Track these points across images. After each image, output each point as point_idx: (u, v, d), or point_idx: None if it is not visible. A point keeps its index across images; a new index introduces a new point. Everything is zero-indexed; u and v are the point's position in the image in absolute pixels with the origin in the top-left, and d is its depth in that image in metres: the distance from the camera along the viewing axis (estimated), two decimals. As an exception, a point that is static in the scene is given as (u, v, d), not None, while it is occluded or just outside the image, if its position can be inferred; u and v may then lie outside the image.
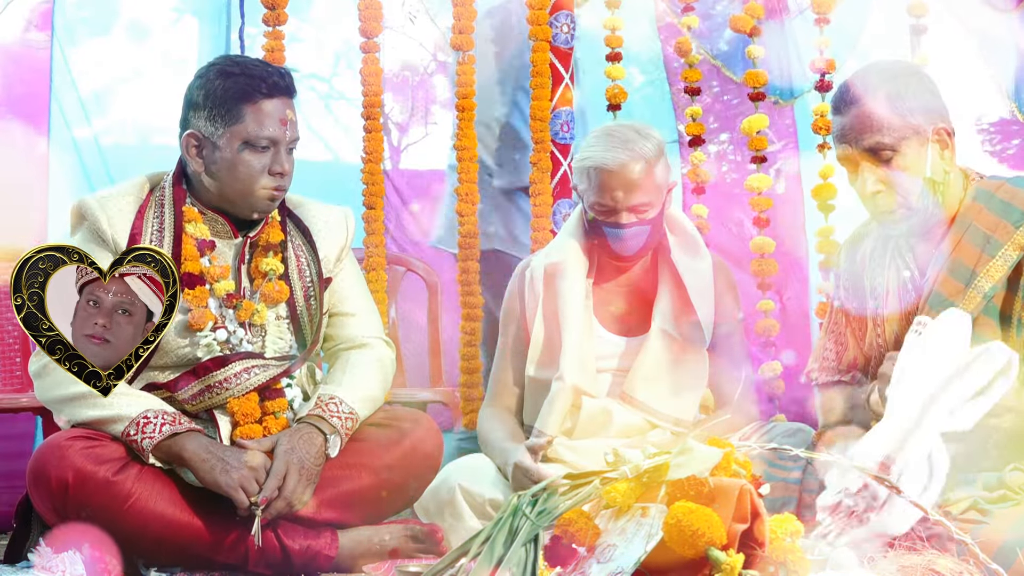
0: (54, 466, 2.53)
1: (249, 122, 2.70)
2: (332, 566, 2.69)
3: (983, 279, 2.41)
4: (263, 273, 2.78)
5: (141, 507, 2.55)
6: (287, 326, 2.82)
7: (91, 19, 5.16)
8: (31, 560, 2.65)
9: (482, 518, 2.84)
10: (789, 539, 1.91)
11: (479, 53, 4.02)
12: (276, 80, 2.74)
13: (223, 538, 2.61)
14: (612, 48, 4.12)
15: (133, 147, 5.25)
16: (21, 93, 4.89)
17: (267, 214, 2.80)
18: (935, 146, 2.48)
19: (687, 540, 1.83)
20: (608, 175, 2.92)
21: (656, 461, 1.99)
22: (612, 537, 1.95)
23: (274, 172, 2.73)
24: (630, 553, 1.88)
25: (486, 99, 4.13)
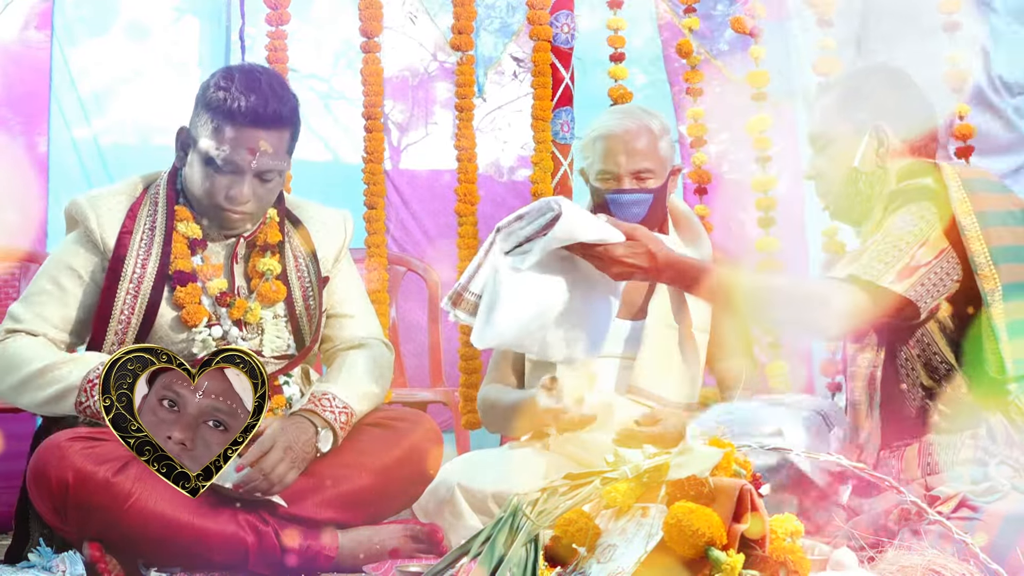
0: (54, 466, 2.53)
1: (216, 140, 2.67)
2: (332, 566, 2.69)
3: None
4: (260, 273, 2.80)
5: (141, 507, 2.55)
6: (285, 324, 2.83)
7: (91, 19, 5.17)
8: (31, 560, 2.65)
9: (482, 515, 2.85)
10: (789, 539, 1.91)
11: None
12: (262, 110, 2.67)
13: (223, 538, 2.61)
14: (615, 48, 4.12)
15: (133, 147, 5.26)
16: (21, 93, 4.89)
17: (234, 231, 2.79)
18: (871, 141, 2.55)
19: (687, 540, 1.83)
20: (613, 140, 3.03)
21: (656, 461, 1.99)
22: (612, 537, 1.95)
23: (230, 196, 2.70)
24: (630, 553, 1.88)
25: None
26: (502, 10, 5.81)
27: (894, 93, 2.59)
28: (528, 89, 4.06)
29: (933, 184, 2.41)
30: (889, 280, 2.32)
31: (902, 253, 2.35)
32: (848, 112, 2.58)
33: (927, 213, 2.39)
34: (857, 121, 2.57)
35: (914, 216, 2.40)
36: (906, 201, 2.42)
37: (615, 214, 2.97)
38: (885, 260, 2.34)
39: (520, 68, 6.00)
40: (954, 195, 2.38)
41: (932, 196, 2.40)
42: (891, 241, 2.37)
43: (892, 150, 2.54)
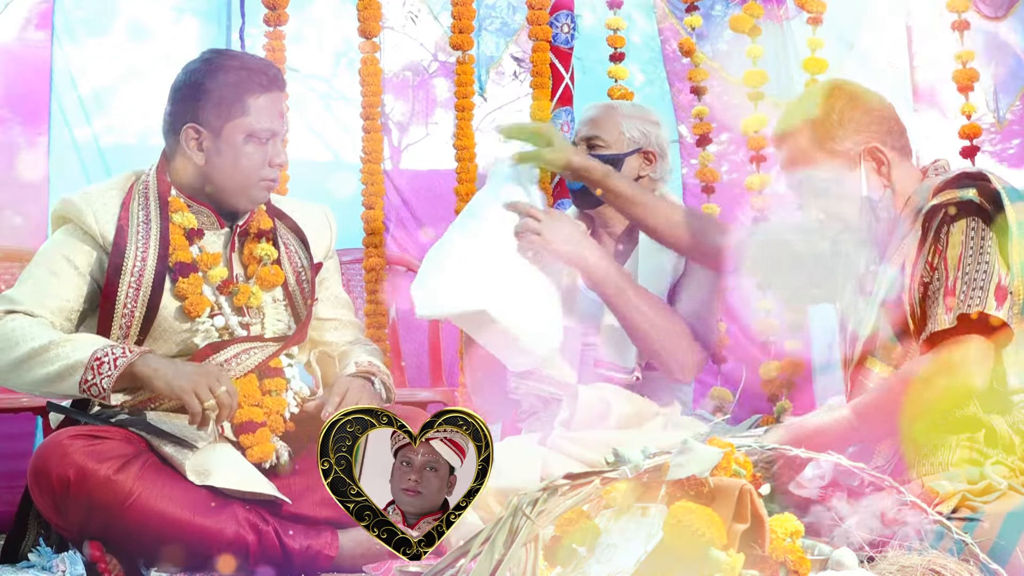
0: (55, 463, 2.53)
1: (252, 115, 2.75)
2: (332, 566, 2.69)
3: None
4: (257, 258, 2.83)
5: (142, 505, 2.55)
6: (285, 308, 2.87)
7: (91, 19, 5.17)
8: (31, 560, 2.65)
9: (481, 511, 2.85)
10: (789, 539, 1.91)
11: None
12: (274, 74, 2.81)
13: (224, 537, 2.61)
14: (615, 48, 4.11)
15: (133, 147, 5.26)
16: (21, 93, 4.89)
17: (259, 204, 2.86)
18: (869, 164, 2.51)
19: (687, 540, 1.83)
20: (582, 122, 3.23)
21: (656, 461, 1.99)
22: (612, 537, 1.95)
23: (274, 164, 2.79)
24: (630, 553, 1.88)
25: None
26: (502, 10, 5.81)
27: (860, 112, 2.53)
28: (528, 89, 4.06)
29: (977, 197, 2.36)
30: (993, 307, 2.29)
31: (989, 278, 2.31)
32: (829, 146, 2.52)
33: (984, 229, 2.34)
34: (844, 152, 2.52)
35: (975, 234, 2.35)
36: (956, 219, 2.37)
37: (566, 182, 3.20)
38: (980, 286, 2.31)
39: (520, 68, 6.00)
40: (1007, 208, 2.34)
41: (980, 210, 2.35)
42: (972, 266, 2.33)
43: (892, 164, 2.52)
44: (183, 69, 2.82)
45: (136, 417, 2.69)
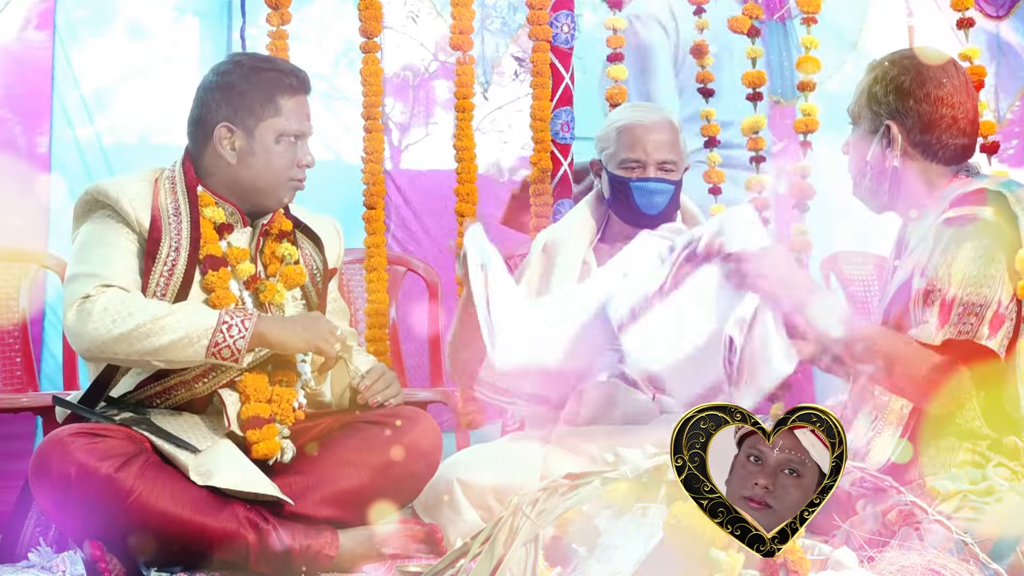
0: (56, 461, 2.53)
1: (284, 115, 2.80)
2: (332, 566, 2.69)
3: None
4: (280, 257, 2.87)
5: (143, 503, 2.55)
6: (303, 307, 2.90)
7: (92, 18, 5.17)
8: (31, 560, 2.66)
9: (481, 509, 2.85)
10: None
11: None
12: (303, 76, 2.88)
13: (224, 536, 2.61)
14: (613, 48, 4.11)
15: (135, 147, 5.26)
16: (22, 93, 4.90)
17: (285, 204, 2.89)
18: (881, 139, 2.56)
19: (687, 540, 1.84)
20: (641, 129, 3.10)
21: (656, 461, 1.99)
22: (612, 537, 1.95)
23: (302, 164, 2.84)
24: (630, 553, 1.89)
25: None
26: (503, 10, 5.82)
27: (898, 90, 2.55)
28: (528, 89, 4.06)
29: (993, 217, 2.37)
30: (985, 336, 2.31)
31: (988, 305, 2.33)
32: (870, 103, 2.59)
33: (995, 252, 2.36)
34: (874, 111, 2.58)
35: (984, 257, 2.36)
36: (968, 237, 2.38)
37: (638, 201, 3.08)
38: (976, 312, 2.33)
39: (520, 68, 6.00)
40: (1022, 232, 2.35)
41: (992, 231, 2.37)
42: (973, 289, 2.35)
43: (902, 151, 2.53)
44: (212, 70, 2.84)
45: (140, 416, 2.70)
